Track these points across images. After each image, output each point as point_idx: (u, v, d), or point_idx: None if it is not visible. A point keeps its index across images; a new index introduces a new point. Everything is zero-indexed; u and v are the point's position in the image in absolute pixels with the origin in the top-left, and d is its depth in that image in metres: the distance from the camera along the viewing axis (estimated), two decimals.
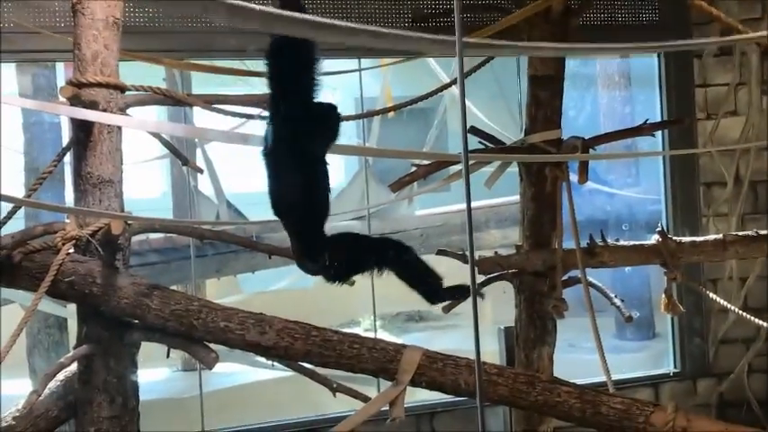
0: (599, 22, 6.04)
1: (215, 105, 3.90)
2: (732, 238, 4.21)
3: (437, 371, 2.91)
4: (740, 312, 4.56)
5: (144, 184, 9.83)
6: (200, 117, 6.87)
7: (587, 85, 9.88)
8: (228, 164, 8.77)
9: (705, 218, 6.50)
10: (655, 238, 4.17)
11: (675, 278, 4.18)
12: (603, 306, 4.37)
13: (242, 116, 4.04)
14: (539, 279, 4.13)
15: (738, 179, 6.52)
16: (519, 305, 4.23)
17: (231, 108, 4.00)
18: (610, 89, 9.38)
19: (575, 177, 4.07)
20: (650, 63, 6.66)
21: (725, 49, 6.46)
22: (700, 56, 6.47)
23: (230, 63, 5.33)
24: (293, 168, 2.94)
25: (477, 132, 4.18)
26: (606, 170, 9.43)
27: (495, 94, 8.58)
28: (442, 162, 4.13)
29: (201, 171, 5.55)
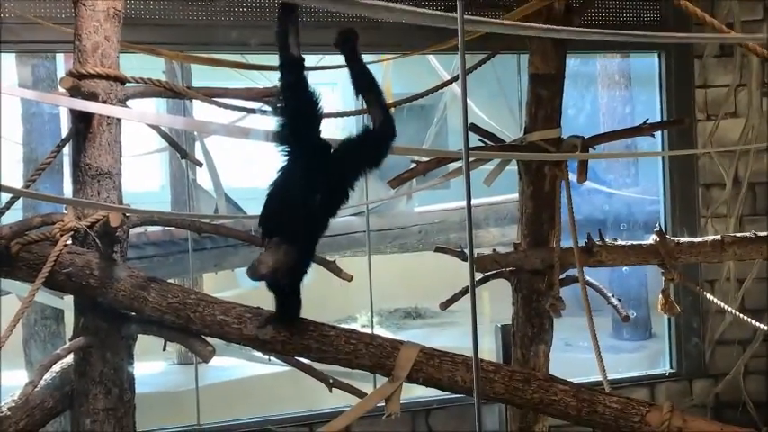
0: (600, 21, 6.05)
1: (215, 99, 3.89)
2: (730, 240, 4.20)
3: (434, 367, 2.91)
4: (737, 314, 4.55)
5: (143, 177, 9.82)
6: (199, 110, 6.85)
7: (587, 84, 9.88)
8: (227, 158, 8.77)
9: (703, 219, 6.51)
10: (653, 239, 4.17)
11: (673, 278, 4.18)
12: (600, 305, 4.37)
13: (242, 110, 4.03)
14: (536, 277, 4.13)
15: (737, 180, 6.52)
16: (516, 303, 4.22)
17: (231, 102, 3.99)
18: (610, 89, 9.38)
19: (574, 176, 4.07)
20: (651, 63, 6.66)
21: (725, 51, 6.46)
22: (700, 56, 6.47)
23: (231, 57, 5.32)
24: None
25: (477, 130, 4.19)
26: (605, 170, 9.44)
27: (496, 93, 8.57)
28: (441, 159, 4.13)
29: (201, 164, 5.54)
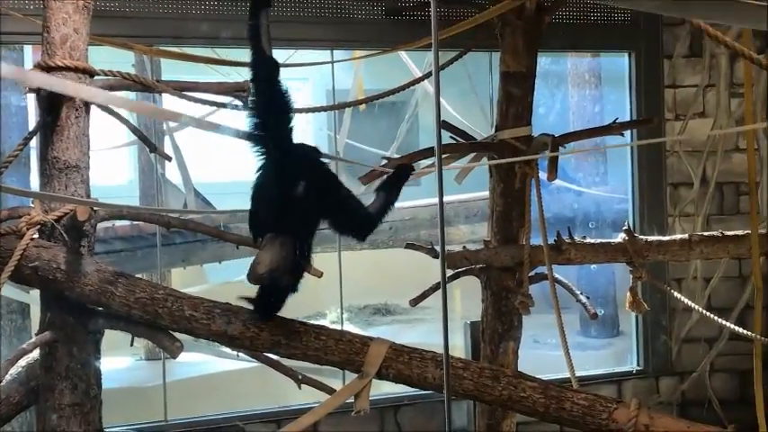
0: (572, 20, 6.08)
1: (185, 92, 3.86)
2: (698, 239, 4.24)
3: (403, 364, 2.90)
4: (704, 312, 4.59)
5: (111, 171, 9.73)
6: (169, 104, 6.80)
7: (558, 83, 9.94)
8: (197, 153, 8.71)
9: (671, 217, 6.57)
10: (621, 237, 4.20)
11: (641, 277, 4.21)
12: (568, 303, 4.39)
13: (212, 104, 4.01)
14: (506, 274, 4.14)
15: (705, 180, 6.59)
16: (486, 300, 4.23)
17: (201, 96, 3.96)
18: (580, 88, 9.44)
19: (544, 175, 4.08)
20: (621, 63, 6.71)
21: (695, 51, 6.52)
22: (670, 57, 6.53)
23: (201, 51, 5.29)
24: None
25: (449, 127, 4.19)
26: (575, 168, 9.50)
27: (467, 90, 8.60)
28: (413, 156, 4.12)
29: (170, 159, 5.49)
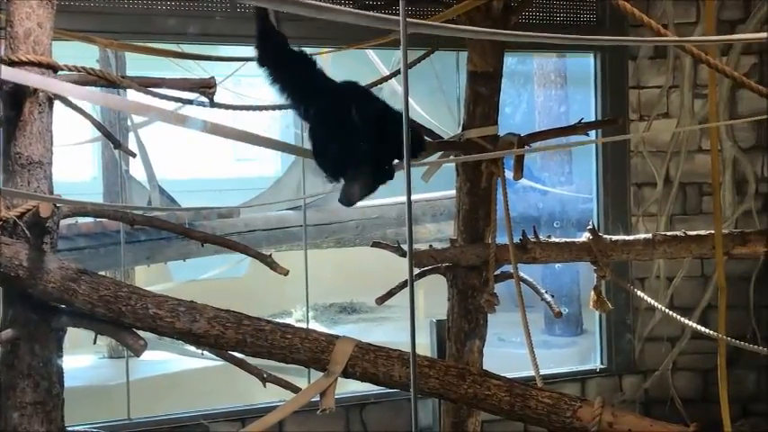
0: (537, 20, 6.12)
1: (150, 88, 3.83)
2: (661, 238, 4.28)
3: (369, 362, 2.90)
4: (666, 311, 4.63)
5: (74, 167, 9.63)
6: (134, 100, 6.74)
7: (524, 82, 10.00)
8: (161, 150, 8.65)
9: (635, 217, 6.62)
10: (585, 236, 4.22)
11: (605, 276, 4.24)
12: (533, 301, 4.41)
13: (177, 100, 3.98)
14: (472, 273, 4.15)
15: (668, 180, 6.65)
16: (452, 299, 4.24)
17: (167, 92, 3.93)
18: (546, 88, 9.51)
19: (510, 174, 4.10)
20: (586, 63, 6.75)
21: (659, 52, 6.58)
22: (635, 58, 6.59)
23: (166, 46, 5.24)
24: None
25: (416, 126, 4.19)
26: (540, 168, 9.57)
27: (434, 89, 8.63)
28: None
29: (135, 155, 5.46)
